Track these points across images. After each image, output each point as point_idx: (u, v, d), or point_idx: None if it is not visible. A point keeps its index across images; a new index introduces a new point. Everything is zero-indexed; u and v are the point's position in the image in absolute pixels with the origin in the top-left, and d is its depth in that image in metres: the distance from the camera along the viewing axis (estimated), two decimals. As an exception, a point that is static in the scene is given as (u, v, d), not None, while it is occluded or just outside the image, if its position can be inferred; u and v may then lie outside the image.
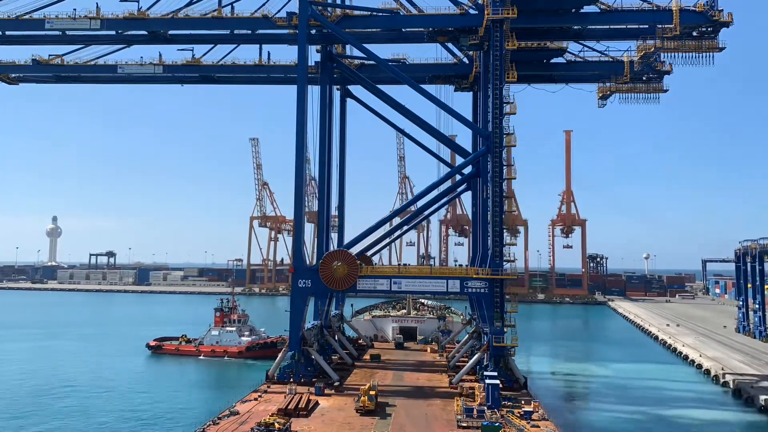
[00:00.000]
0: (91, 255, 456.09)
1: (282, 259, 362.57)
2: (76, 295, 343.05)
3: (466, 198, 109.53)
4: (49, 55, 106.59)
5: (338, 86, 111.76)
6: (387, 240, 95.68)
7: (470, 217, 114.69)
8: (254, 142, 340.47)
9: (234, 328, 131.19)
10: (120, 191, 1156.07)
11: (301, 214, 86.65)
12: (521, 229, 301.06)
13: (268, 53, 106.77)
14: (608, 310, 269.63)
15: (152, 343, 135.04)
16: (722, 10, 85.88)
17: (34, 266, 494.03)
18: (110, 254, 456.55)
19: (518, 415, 64.96)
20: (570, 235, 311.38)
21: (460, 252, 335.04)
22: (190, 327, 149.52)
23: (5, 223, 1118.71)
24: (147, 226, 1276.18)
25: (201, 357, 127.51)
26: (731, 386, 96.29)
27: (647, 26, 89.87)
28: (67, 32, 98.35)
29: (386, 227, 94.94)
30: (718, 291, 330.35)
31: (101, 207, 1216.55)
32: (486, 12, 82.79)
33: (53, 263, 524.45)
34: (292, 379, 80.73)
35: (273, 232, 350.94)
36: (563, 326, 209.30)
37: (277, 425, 58.76)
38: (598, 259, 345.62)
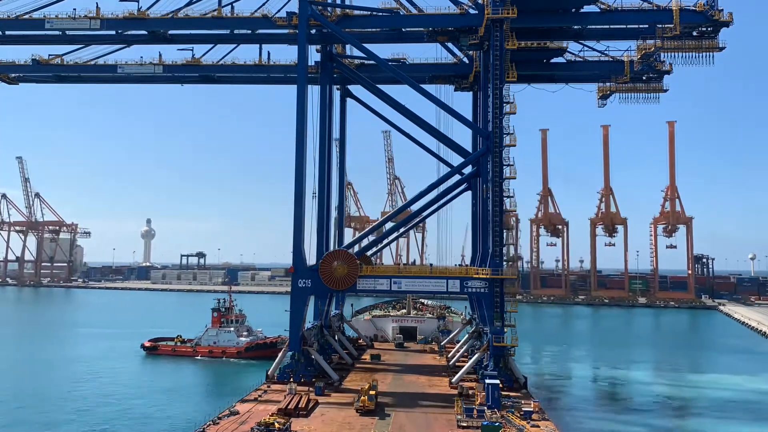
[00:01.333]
0: (182, 256, 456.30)
1: None
2: (168, 295, 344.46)
3: (466, 198, 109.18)
4: (49, 55, 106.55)
5: (338, 86, 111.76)
6: (387, 240, 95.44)
7: (470, 216, 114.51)
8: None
9: (232, 328, 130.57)
10: (210, 193, 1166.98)
11: (301, 214, 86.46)
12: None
13: (268, 53, 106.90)
14: (720, 315, 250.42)
15: (147, 344, 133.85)
16: (722, 10, 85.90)
17: (130, 267, 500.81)
18: (200, 255, 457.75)
19: (518, 414, 64.94)
20: (674, 234, 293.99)
21: (552, 252, 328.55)
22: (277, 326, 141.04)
23: (105, 227, 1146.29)
24: (235, 227, 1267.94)
25: (198, 357, 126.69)
26: None
27: (647, 26, 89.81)
28: (67, 32, 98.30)
29: (386, 227, 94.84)
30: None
31: (192, 209, 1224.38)
32: (486, 12, 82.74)
33: (147, 264, 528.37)
34: (292, 379, 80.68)
35: (357, 233, 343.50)
36: (678, 333, 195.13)
37: (277, 425, 58.73)
38: (704, 260, 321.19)
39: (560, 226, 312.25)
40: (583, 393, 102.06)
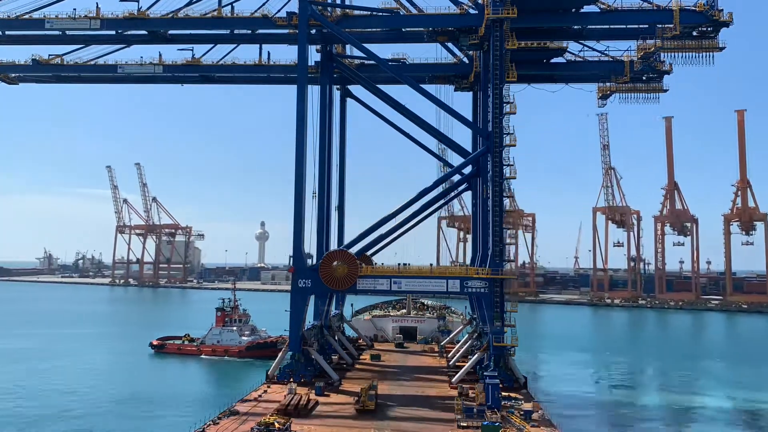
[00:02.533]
0: (290, 257, 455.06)
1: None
2: (274, 296, 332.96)
3: (467, 198, 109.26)
4: (49, 55, 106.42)
5: (338, 86, 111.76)
6: (387, 240, 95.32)
7: (471, 216, 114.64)
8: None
9: (235, 328, 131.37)
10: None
11: (301, 214, 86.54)
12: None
13: (268, 53, 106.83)
14: None
15: (155, 343, 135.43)
16: (722, 10, 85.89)
17: (242, 268, 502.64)
18: (308, 256, 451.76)
19: (518, 414, 64.91)
20: (752, 233, 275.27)
21: (679, 253, 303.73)
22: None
23: (220, 229, 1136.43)
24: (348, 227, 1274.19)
25: (202, 356, 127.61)
26: None
27: (647, 26, 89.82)
28: (67, 32, 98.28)
29: (387, 226, 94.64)
30: None
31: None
32: (486, 12, 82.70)
33: (262, 265, 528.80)
34: (292, 379, 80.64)
35: (462, 233, 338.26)
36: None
37: (277, 425, 58.69)
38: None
39: (688, 224, 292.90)
40: (587, 396, 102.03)
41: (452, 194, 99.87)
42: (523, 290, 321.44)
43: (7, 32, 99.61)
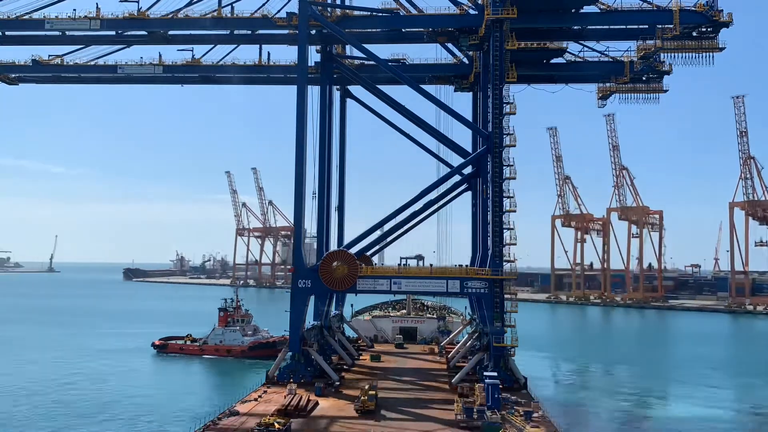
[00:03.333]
0: (401, 258, 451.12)
1: (591, 263, 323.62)
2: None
3: (466, 198, 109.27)
4: (49, 56, 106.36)
5: (338, 86, 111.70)
6: (387, 240, 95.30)
7: (470, 217, 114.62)
8: (552, 132, 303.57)
9: (237, 328, 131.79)
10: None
11: (301, 214, 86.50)
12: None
13: (268, 53, 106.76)
14: None
15: (157, 343, 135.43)
16: (722, 11, 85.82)
17: None
18: (419, 258, 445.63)
19: (519, 415, 64.87)
20: None
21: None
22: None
23: (356, 231, 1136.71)
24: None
25: (205, 357, 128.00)
26: None
27: (647, 26, 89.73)
28: (67, 32, 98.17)
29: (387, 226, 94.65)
30: None
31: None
32: (486, 12, 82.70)
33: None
34: (292, 380, 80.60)
35: (579, 233, 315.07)
36: None
37: (276, 425, 58.67)
38: None
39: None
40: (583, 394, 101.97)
41: (452, 194, 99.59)
42: (650, 295, 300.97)
43: (7, 33, 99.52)
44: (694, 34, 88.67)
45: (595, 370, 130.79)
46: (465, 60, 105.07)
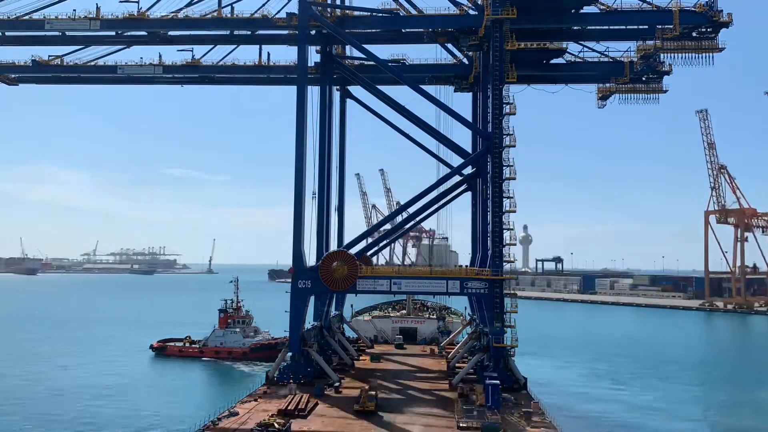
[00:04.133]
0: (537, 260, 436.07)
1: (754, 265, 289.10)
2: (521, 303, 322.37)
3: (467, 198, 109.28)
4: (49, 56, 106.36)
5: (338, 87, 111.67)
6: (387, 240, 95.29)
7: (470, 217, 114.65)
8: (702, 115, 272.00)
9: (238, 329, 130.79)
10: (574, 197, 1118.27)
11: (301, 214, 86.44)
12: None
13: (268, 54, 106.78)
14: None
15: (156, 345, 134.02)
16: (722, 11, 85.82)
17: None
18: (557, 260, 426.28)
19: (518, 415, 64.85)
20: None
21: None
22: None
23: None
24: (595, 229, 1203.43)
25: (205, 358, 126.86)
26: None
27: (647, 27, 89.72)
28: (67, 33, 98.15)
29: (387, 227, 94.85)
30: None
31: (561, 213, 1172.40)
32: (486, 12, 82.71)
33: (526, 270, 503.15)
34: (291, 380, 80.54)
35: (739, 230, 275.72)
36: None
37: (276, 426, 58.66)
38: None
39: None
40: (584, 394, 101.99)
41: (452, 195, 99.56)
42: (761, 299, 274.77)
43: (7, 33, 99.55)
44: (694, 34, 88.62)
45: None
46: (465, 60, 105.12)
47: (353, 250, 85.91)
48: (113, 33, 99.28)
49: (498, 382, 69.95)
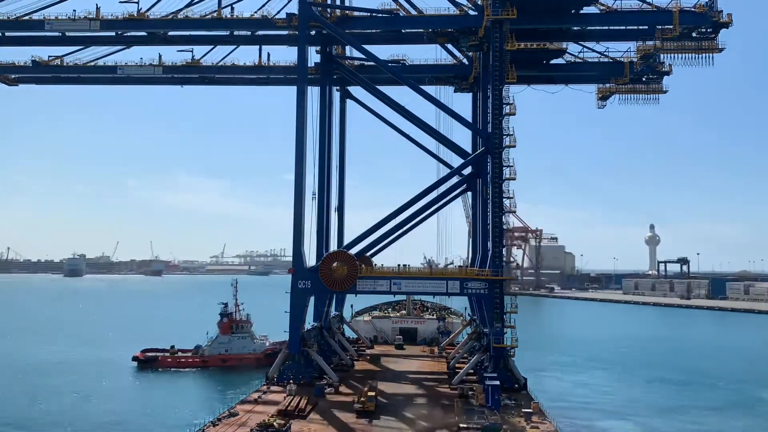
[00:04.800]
0: (659, 262, 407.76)
1: None
2: (627, 309, 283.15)
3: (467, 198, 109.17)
4: (49, 56, 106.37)
5: (338, 87, 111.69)
6: (386, 241, 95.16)
7: (470, 217, 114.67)
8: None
9: (247, 334, 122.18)
10: (711, 192, 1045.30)
11: (301, 214, 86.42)
12: None
13: (268, 54, 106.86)
14: None
15: (140, 356, 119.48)
16: (721, 11, 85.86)
17: (609, 274, 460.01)
18: (683, 261, 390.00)
19: (518, 415, 64.84)
20: None
21: None
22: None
23: (605, 233, 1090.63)
24: (730, 228, 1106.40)
25: (210, 368, 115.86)
26: None
27: (647, 27, 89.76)
28: (67, 33, 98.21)
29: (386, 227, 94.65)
30: None
31: (698, 211, 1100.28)
32: (486, 13, 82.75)
33: (652, 272, 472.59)
34: (291, 380, 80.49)
35: None
36: None
37: (276, 426, 58.66)
38: None
39: None
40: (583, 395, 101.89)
41: (452, 195, 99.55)
42: None
43: (7, 33, 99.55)
44: (694, 34, 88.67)
45: None
46: (465, 61, 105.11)
47: (355, 251, 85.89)
48: (113, 33, 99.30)
49: (498, 382, 69.97)
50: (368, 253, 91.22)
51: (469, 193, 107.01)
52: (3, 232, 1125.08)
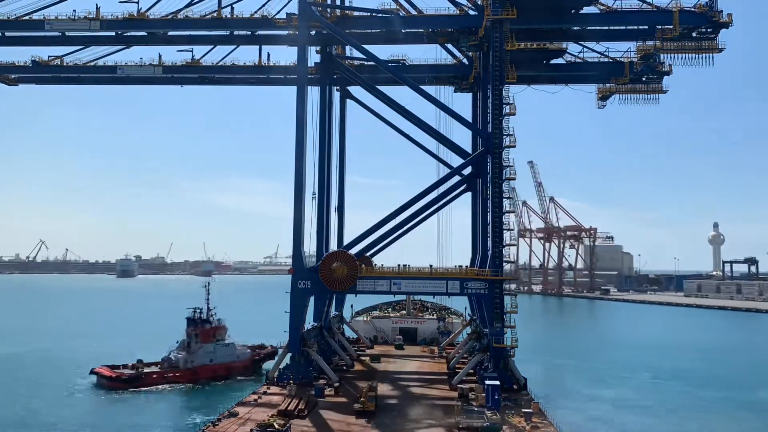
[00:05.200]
0: (724, 263, 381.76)
1: None
2: (683, 313, 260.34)
3: (466, 199, 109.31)
4: (49, 56, 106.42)
5: (338, 87, 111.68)
6: (387, 241, 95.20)
7: (470, 217, 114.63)
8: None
9: (232, 340, 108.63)
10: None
11: (301, 214, 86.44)
12: None
13: (268, 54, 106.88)
14: None
15: (104, 372, 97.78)
16: (721, 11, 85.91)
17: (671, 275, 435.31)
18: (751, 261, 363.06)
19: (518, 415, 64.80)
20: None
21: None
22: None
23: (667, 234, 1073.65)
24: None
25: (199, 381, 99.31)
26: None
27: (647, 27, 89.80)
28: (67, 33, 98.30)
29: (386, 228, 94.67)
30: None
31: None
32: (486, 13, 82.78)
33: (716, 273, 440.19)
34: (292, 380, 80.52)
35: None
36: None
37: (276, 426, 58.65)
38: None
39: None
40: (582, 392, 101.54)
41: (452, 195, 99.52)
42: None
43: (7, 33, 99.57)
44: (694, 34, 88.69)
45: None
46: (465, 61, 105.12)
47: (355, 251, 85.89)
48: (113, 33, 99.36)
49: (498, 382, 69.94)
50: (368, 254, 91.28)
51: (469, 193, 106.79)
52: (62, 233, 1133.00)
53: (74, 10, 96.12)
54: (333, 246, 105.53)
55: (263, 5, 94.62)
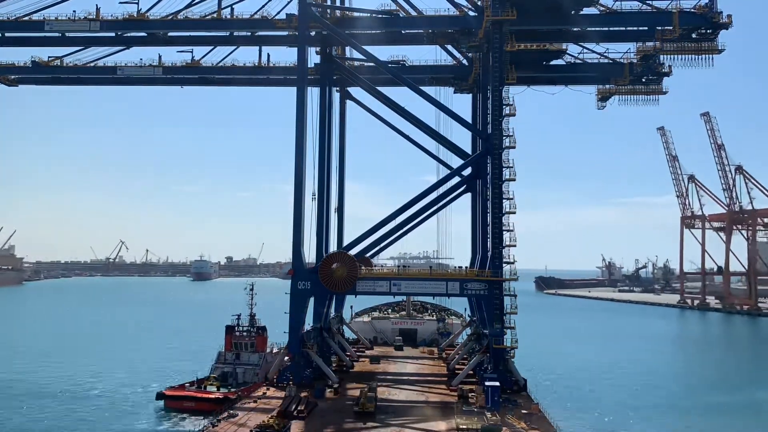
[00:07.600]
0: None
1: None
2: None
3: (466, 199, 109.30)
4: (49, 57, 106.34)
5: (337, 88, 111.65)
6: (387, 242, 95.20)
7: (470, 218, 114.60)
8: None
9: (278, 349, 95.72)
10: None
11: (301, 214, 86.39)
12: None
13: (268, 55, 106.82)
14: None
15: (171, 393, 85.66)
16: (721, 12, 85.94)
17: None
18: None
19: (518, 416, 64.76)
20: None
21: None
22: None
23: None
24: None
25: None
26: None
27: (647, 28, 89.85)
28: (67, 34, 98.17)
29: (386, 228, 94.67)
30: None
31: None
32: (485, 14, 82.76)
33: None
34: (291, 381, 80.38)
35: None
36: None
37: (276, 427, 58.58)
38: None
39: None
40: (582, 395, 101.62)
41: (451, 196, 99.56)
42: None
43: (7, 34, 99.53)
44: (694, 35, 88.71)
45: None
46: (465, 62, 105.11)
47: (354, 252, 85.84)
48: (113, 34, 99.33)
49: (498, 383, 69.91)
50: (368, 254, 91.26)
51: (469, 194, 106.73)
52: (142, 234, 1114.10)
53: (74, 11, 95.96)
54: (333, 247, 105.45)
55: (263, 6, 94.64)
